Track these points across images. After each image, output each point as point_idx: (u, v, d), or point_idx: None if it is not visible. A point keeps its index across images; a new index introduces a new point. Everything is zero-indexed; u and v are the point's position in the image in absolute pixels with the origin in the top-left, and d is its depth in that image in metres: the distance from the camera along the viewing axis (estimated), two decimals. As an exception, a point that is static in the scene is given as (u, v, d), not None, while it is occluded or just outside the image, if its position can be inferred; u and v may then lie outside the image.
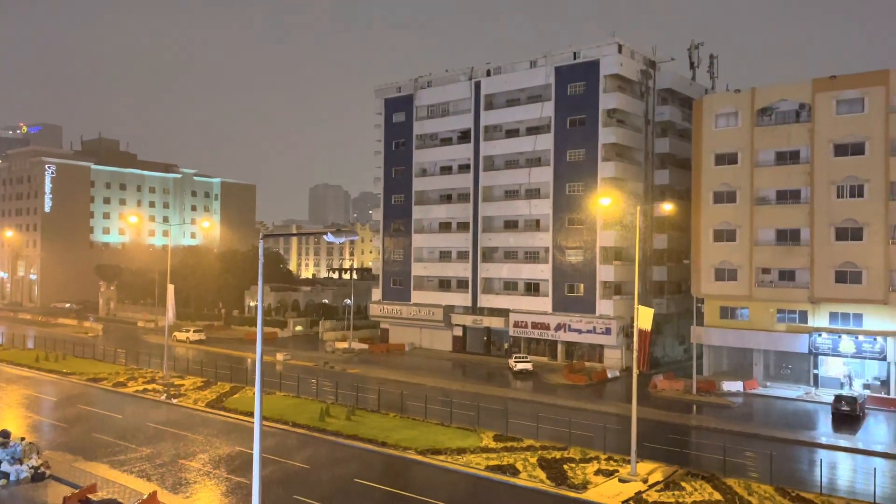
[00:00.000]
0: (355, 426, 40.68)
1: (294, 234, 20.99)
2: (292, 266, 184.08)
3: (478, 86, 73.15)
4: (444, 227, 77.21)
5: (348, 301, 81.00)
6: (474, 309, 73.19)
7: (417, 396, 48.26)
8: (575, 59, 66.38)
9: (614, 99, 63.81)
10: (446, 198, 77.53)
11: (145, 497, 27.75)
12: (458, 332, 74.82)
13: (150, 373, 58.24)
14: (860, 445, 39.00)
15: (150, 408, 46.56)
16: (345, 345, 75.98)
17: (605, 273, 63.71)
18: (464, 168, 75.12)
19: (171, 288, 57.21)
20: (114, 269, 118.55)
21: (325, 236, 18.01)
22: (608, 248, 64.34)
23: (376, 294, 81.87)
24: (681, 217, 64.83)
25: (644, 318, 34.08)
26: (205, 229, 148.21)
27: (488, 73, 72.86)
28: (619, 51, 64.17)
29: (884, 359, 49.62)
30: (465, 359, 70.87)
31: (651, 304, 59.92)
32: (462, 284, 74.83)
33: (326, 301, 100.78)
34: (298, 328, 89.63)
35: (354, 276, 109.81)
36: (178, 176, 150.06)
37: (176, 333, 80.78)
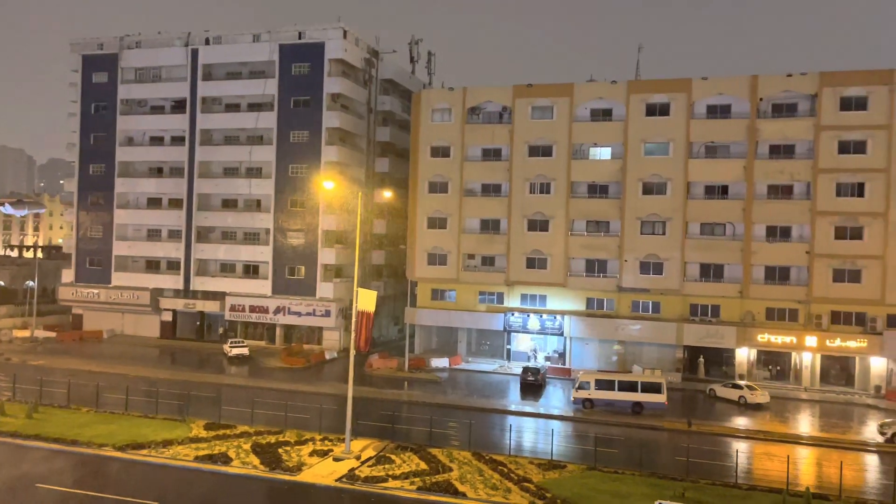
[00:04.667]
0: (38, 424, 35.66)
1: (-42, 202, 17.47)
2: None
3: (195, 53, 68.35)
4: (154, 202, 71.07)
5: (31, 283, 70.45)
6: (187, 292, 68.71)
7: (117, 388, 43.89)
8: (300, 38, 65.47)
9: (338, 84, 64.34)
10: (157, 171, 71.39)
11: None
12: (168, 316, 69.63)
13: None
14: (542, 410, 44.81)
15: None
16: (26, 333, 66.08)
17: (327, 256, 64.22)
18: (178, 140, 69.79)
19: None
20: None
21: (1, 207, 15.25)
22: (330, 232, 64.93)
23: (68, 275, 72.52)
24: (399, 204, 67.91)
25: (367, 300, 34.97)
26: None
27: (207, 42, 68.48)
28: (345, 36, 64.80)
29: (561, 334, 57.57)
30: (175, 345, 66.21)
31: (370, 286, 61.96)
32: (173, 266, 69.68)
33: (2, 283, 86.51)
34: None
35: (40, 255, 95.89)
36: None
37: None
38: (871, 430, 41.22)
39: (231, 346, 59.82)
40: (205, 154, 68.31)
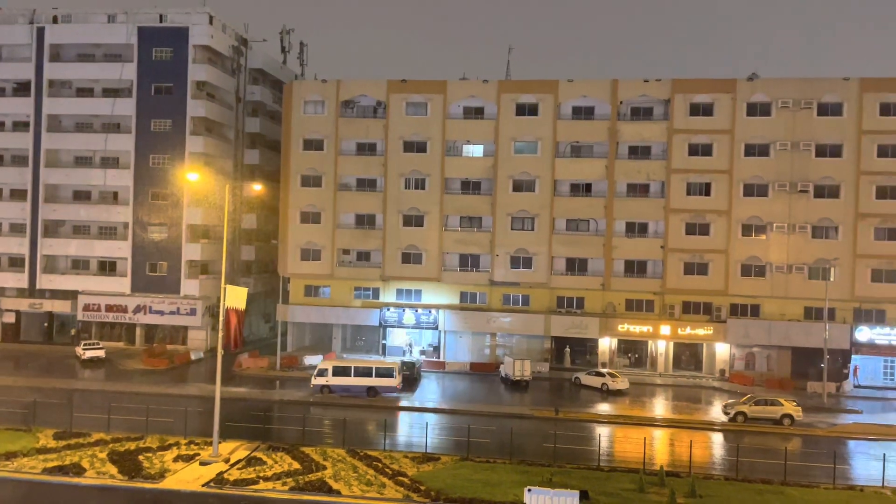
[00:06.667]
0: None
1: None
2: None
3: (41, 32, 62.77)
4: (-7, 193, 64.65)
5: None
6: (32, 291, 63.12)
7: (-51, 398, 39.57)
8: (161, 21, 61.87)
9: (204, 71, 61.42)
10: (-4, 159, 64.99)
11: None
12: (10, 318, 63.57)
13: None
14: (416, 404, 45.12)
15: None
16: None
17: (192, 252, 61.22)
18: (21, 125, 63.77)
19: None
20: None
21: None
22: (195, 226, 61.95)
23: None
24: (270, 198, 65.87)
25: (237, 297, 33.63)
26: None
27: (55, 20, 63.12)
28: (210, 22, 61.92)
29: (436, 328, 58.26)
30: (18, 349, 60.58)
31: (239, 283, 59.76)
32: (16, 262, 63.72)
33: None
34: None
35: None
36: None
37: None
38: (716, 411, 44.91)
39: (84, 349, 55.66)
40: (53, 141, 62.98)
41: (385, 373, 45.72)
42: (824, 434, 40.57)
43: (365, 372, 45.89)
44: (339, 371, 45.93)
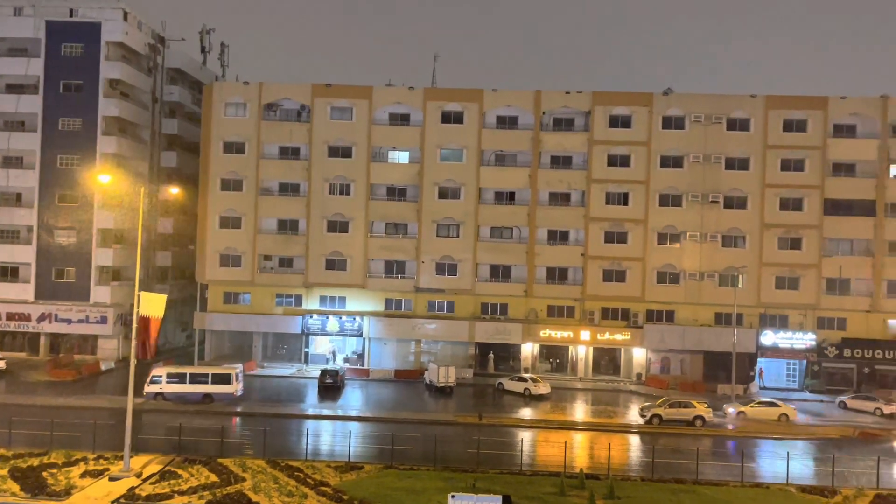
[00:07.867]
0: None
1: None
2: None
3: (-62, 21, 58.74)
4: None
5: None
6: (-77, 299, 58.73)
7: None
8: (72, 16, 59.01)
9: (118, 69, 58.95)
10: None
11: None
12: None
13: None
14: (339, 412, 44.53)
15: None
16: None
17: (103, 257, 58.49)
18: (-87, 121, 59.45)
19: None
20: None
21: None
22: (107, 230, 59.20)
23: None
24: (188, 202, 63.71)
25: (153, 304, 32.21)
26: None
27: (-46, 9, 59.22)
28: (125, 18, 59.53)
29: (361, 335, 57.73)
30: None
31: (154, 289, 57.39)
32: None
33: None
34: None
35: None
36: None
37: None
38: (633, 414, 46.32)
39: (-18, 360, 52.16)
40: (-51, 138, 58.95)
41: (222, 379, 45.51)
42: (733, 434, 42.50)
43: (200, 379, 45.64)
44: (174, 378, 45.48)
